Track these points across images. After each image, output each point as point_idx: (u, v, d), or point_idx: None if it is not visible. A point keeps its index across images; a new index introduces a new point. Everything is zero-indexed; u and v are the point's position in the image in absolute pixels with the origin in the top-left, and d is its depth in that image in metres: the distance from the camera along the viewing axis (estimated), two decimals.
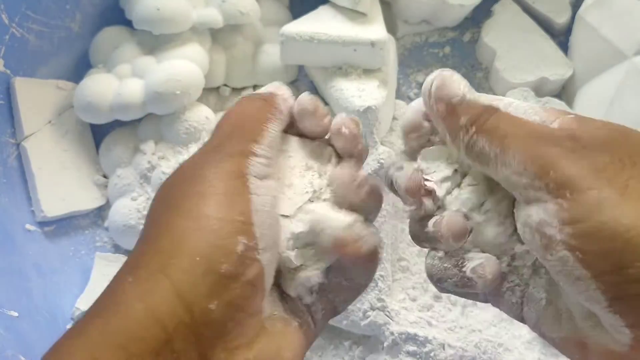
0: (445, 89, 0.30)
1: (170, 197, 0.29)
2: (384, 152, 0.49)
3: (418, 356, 0.47)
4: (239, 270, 0.27)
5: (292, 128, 0.33)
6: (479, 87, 0.59)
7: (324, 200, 0.31)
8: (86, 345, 0.25)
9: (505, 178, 0.28)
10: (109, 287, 0.29)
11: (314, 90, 0.58)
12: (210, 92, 0.56)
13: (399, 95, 0.58)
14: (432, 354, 0.47)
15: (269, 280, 0.29)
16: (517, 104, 0.29)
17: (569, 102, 0.55)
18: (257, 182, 0.29)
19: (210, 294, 0.26)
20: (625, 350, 0.25)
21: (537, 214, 0.26)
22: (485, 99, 0.30)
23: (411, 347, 0.47)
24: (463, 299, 0.48)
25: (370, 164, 0.49)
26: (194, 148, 0.51)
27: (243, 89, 0.57)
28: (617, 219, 0.23)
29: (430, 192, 0.31)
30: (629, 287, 0.23)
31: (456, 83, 0.30)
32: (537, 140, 0.27)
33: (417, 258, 0.51)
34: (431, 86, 0.30)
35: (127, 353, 0.24)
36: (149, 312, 0.25)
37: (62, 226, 0.53)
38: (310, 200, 0.31)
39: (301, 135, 0.33)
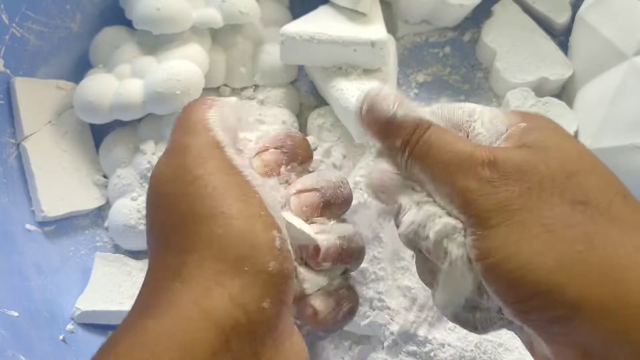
0: (375, 111, 0.30)
1: (177, 202, 0.29)
2: None
3: (418, 356, 0.47)
4: (283, 265, 0.27)
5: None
6: (478, 87, 0.59)
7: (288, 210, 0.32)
8: (144, 345, 0.25)
9: (442, 205, 0.29)
10: (149, 292, 0.28)
11: (314, 90, 0.58)
12: (210, 92, 0.56)
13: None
14: (432, 354, 0.47)
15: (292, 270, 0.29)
16: (447, 108, 0.31)
17: (569, 102, 0.55)
18: (249, 171, 0.29)
19: (263, 293, 0.27)
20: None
21: (468, 248, 0.28)
22: (417, 113, 0.30)
23: (411, 347, 0.47)
24: None
25: (370, 164, 0.49)
26: None
27: (243, 89, 0.57)
28: (514, 256, 0.25)
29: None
30: (532, 315, 0.26)
31: (385, 101, 0.30)
32: (460, 170, 0.28)
33: None
34: (361, 109, 0.31)
35: (186, 353, 0.25)
36: (205, 315, 0.25)
37: (62, 226, 0.53)
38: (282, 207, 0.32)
39: None
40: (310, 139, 0.54)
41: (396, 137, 0.30)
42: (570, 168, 0.27)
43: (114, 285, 0.50)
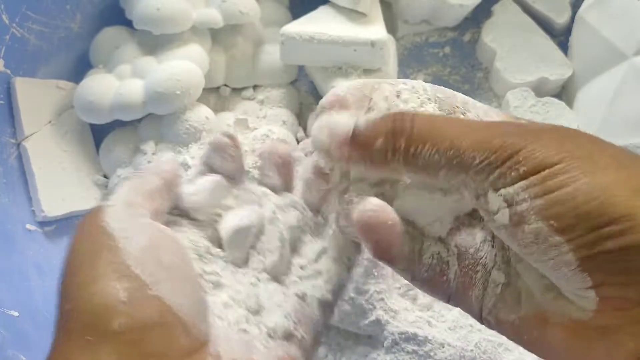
0: (337, 130, 0.27)
1: (58, 292, 0.27)
2: None
3: (418, 356, 0.47)
4: (135, 316, 0.24)
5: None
6: (478, 87, 0.59)
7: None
8: None
9: (462, 180, 0.26)
10: None
11: (314, 90, 0.58)
12: (211, 92, 0.56)
13: None
14: (432, 354, 0.47)
15: (191, 309, 0.26)
16: (441, 90, 0.28)
17: (569, 102, 0.56)
18: (122, 225, 0.27)
19: (117, 357, 0.24)
20: (588, 316, 0.24)
21: (506, 194, 0.25)
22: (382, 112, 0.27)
23: (411, 347, 0.47)
24: None
25: None
26: (194, 148, 0.51)
27: (243, 89, 0.57)
28: (590, 184, 0.23)
29: None
30: (602, 245, 0.23)
31: (342, 119, 0.27)
32: (485, 128, 0.25)
33: None
34: (322, 140, 0.27)
35: None
36: None
37: (63, 226, 0.53)
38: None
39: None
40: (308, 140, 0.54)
41: (377, 138, 0.26)
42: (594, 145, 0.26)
43: None
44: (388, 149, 0.26)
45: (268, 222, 0.32)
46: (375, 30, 0.51)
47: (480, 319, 0.28)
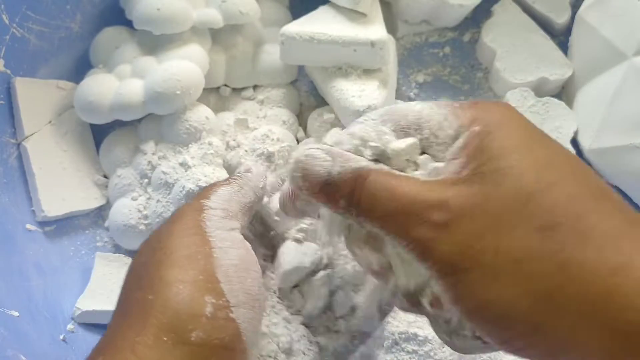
0: (310, 177, 0.28)
1: (137, 271, 0.28)
2: None
3: (418, 356, 0.47)
4: (213, 334, 0.25)
5: None
6: (478, 87, 0.59)
7: None
8: None
9: (406, 258, 0.27)
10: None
11: (314, 90, 0.58)
12: (211, 92, 0.56)
13: (399, 95, 0.58)
14: (432, 353, 0.47)
15: (251, 338, 0.27)
16: (397, 112, 0.28)
17: (569, 102, 0.56)
18: (220, 233, 0.28)
19: None
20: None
21: (435, 287, 0.26)
22: (352, 164, 0.27)
23: (411, 347, 0.47)
24: None
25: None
26: (194, 148, 0.51)
27: (243, 89, 0.57)
28: (493, 302, 0.24)
29: None
30: (523, 352, 0.25)
31: (317, 161, 0.28)
32: (410, 219, 0.26)
33: None
34: (295, 179, 0.28)
35: None
36: None
37: (63, 226, 0.53)
38: None
39: None
40: (311, 140, 0.54)
41: (339, 198, 0.27)
42: (527, 189, 0.24)
43: (114, 285, 0.50)
44: (346, 207, 0.27)
45: (323, 268, 0.32)
46: (375, 30, 0.52)
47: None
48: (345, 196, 0.27)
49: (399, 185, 0.26)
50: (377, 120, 0.29)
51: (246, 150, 0.52)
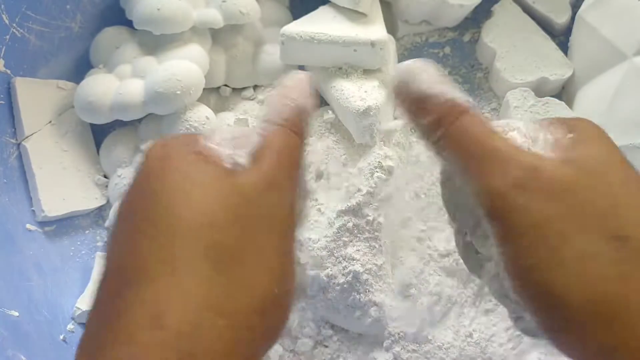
0: (409, 84, 0.28)
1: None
2: (384, 152, 0.49)
3: (418, 355, 0.47)
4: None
5: None
6: (478, 87, 0.59)
7: None
8: None
9: (470, 197, 0.27)
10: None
11: (314, 91, 0.58)
12: (211, 92, 0.57)
13: None
14: (432, 354, 0.47)
15: None
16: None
17: (569, 102, 0.56)
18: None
19: None
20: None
21: (494, 254, 0.27)
22: (455, 92, 0.27)
23: (411, 347, 0.48)
24: (462, 299, 0.48)
25: (370, 163, 0.49)
26: None
27: (243, 89, 0.57)
28: (548, 283, 0.24)
29: None
30: (560, 338, 0.25)
31: (423, 75, 0.28)
32: (495, 167, 0.26)
33: (416, 260, 0.51)
34: (395, 81, 0.29)
35: None
36: None
37: (63, 226, 0.53)
38: None
39: None
40: (311, 140, 0.54)
41: (427, 115, 0.27)
42: (614, 198, 0.25)
43: None
44: (432, 127, 0.28)
45: None
46: (375, 30, 0.52)
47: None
48: (434, 116, 0.27)
49: (494, 134, 0.26)
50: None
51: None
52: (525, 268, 0.25)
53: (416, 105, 0.28)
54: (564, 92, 0.58)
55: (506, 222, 0.25)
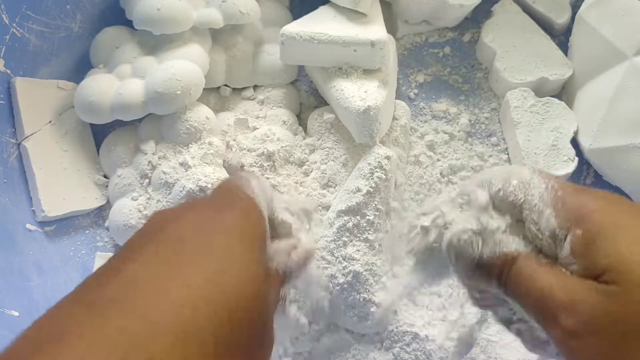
0: (463, 257, 0.32)
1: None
2: (384, 152, 0.49)
3: (418, 355, 0.47)
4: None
5: None
6: (478, 87, 0.59)
7: None
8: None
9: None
10: None
11: (314, 91, 0.58)
12: (211, 92, 0.56)
13: (399, 95, 0.58)
14: (432, 354, 0.47)
15: None
16: (535, 195, 0.31)
17: (569, 102, 0.56)
18: None
19: None
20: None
21: None
22: (502, 247, 0.31)
23: (411, 346, 0.48)
24: (462, 299, 0.48)
25: (370, 163, 0.49)
26: (194, 148, 0.51)
27: (243, 89, 0.57)
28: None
29: None
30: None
31: (471, 244, 0.31)
32: (546, 315, 0.28)
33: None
34: (449, 257, 0.32)
35: None
36: None
37: (63, 226, 0.53)
38: None
39: None
40: (311, 140, 0.54)
41: (488, 277, 0.31)
42: None
43: None
44: (497, 285, 0.31)
45: None
46: (375, 30, 0.52)
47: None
48: (495, 276, 0.31)
49: (538, 272, 0.29)
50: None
51: (246, 152, 0.52)
52: None
53: (476, 272, 0.32)
54: (564, 92, 0.58)
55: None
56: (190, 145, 0.51)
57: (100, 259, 0.52)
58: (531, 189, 0.31)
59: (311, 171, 0.52)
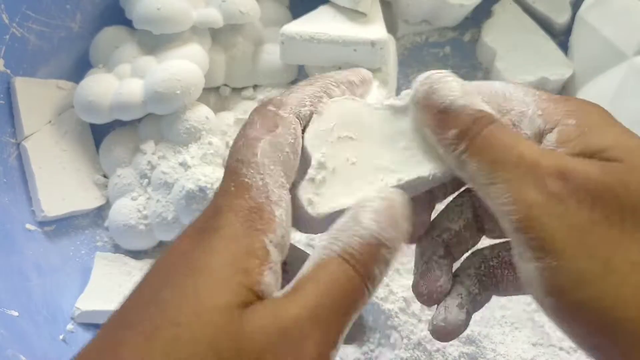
0: (433, 96, 0.27)
1: None
2: None
3: (419, 354, 0.47)
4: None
5: None
6: None
7: None
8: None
9: (495, 211, 0.25)
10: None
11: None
12: (210, 92, 0.56)
13: (399, 95, 0.58)
14: (433, 352, 0.47)
15: None
16: (516, 99, 0.27)
17: None
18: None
19: None
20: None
21: (524, 270, 0.24)
22: (479, 104, 0.26)
23: (412, 345, 0.47)
24: None
25: None
26: (194, 148, 0.51)
27: (243, 88, 0.57)
28: (599, 300, 0.22)
29: None
30: (599, 352, 0.23)
31: (447, 85, 0.27)
32: (523, 177, 0.24)
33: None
34: (417, 92, 0.27)
35: None
36: None
37: (62, 226, 0.53)
38: None
39: None
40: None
41: (452, 128, 0.26)
42: None
43: (114, 285, 0.50)
44: (455, 140, 0.26)
45: None
46: (375, 30, 0.51)
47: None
48: (459, 128, 0.26)
49: (519, 141, 0.25)
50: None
51: None
52: (569, 282, 0.23)
53: (439, 118, 0.26)
54: (564, 92, 0.58)
55: (544, 234, 0.23)
56: (189, 145, 0.51)
57: (100, 259, 0.52)
58: (512, 96, 0.28)
59: None
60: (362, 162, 0.28)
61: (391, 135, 0.29)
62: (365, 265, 0.24)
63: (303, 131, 0.28)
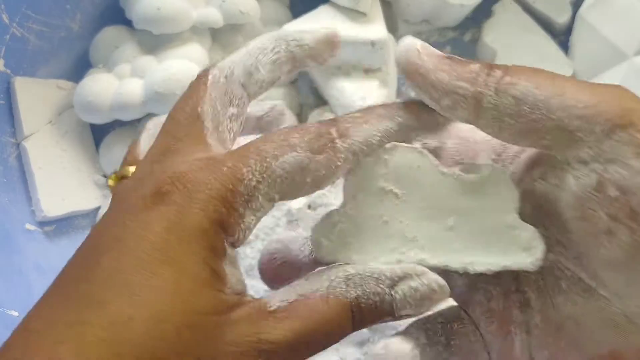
0: (430, 51, 0.23)
1: None
2: None
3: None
4: None
5: None
6: None
7: None
8: None
9: (556, 125, 0.23)
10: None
11: (314, 90, 0.58)
12: None
13: (399, 95, 0.58)
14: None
15: None
16: None
17: None
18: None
19: None
20: None
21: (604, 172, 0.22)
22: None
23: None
24: None
25: None
26: None
27: None
28: None
29: None
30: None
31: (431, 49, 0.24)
32: (600, 88, 0.22)
33: None
34: (402, 53, 0.23)
35: None
36: None
37: (62, 226, 0.53)
38: None
39: None
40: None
41: (470, 63, 0.23)
42: None
43: None
44: (485, 72, 0.23)
45: None
46: (375, 30, 0.51)
47: None
48: (479, 63, 0.23)
49: (558, 80, 0.24)
50: None
51: None
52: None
53: (449, 59, 0.23)
54: None
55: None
56: None
57: None
58: None
59: None
60: (393, 224, 0.25)
61: (442, 207, 0.25)
62: (366, 324, 0.23)
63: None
